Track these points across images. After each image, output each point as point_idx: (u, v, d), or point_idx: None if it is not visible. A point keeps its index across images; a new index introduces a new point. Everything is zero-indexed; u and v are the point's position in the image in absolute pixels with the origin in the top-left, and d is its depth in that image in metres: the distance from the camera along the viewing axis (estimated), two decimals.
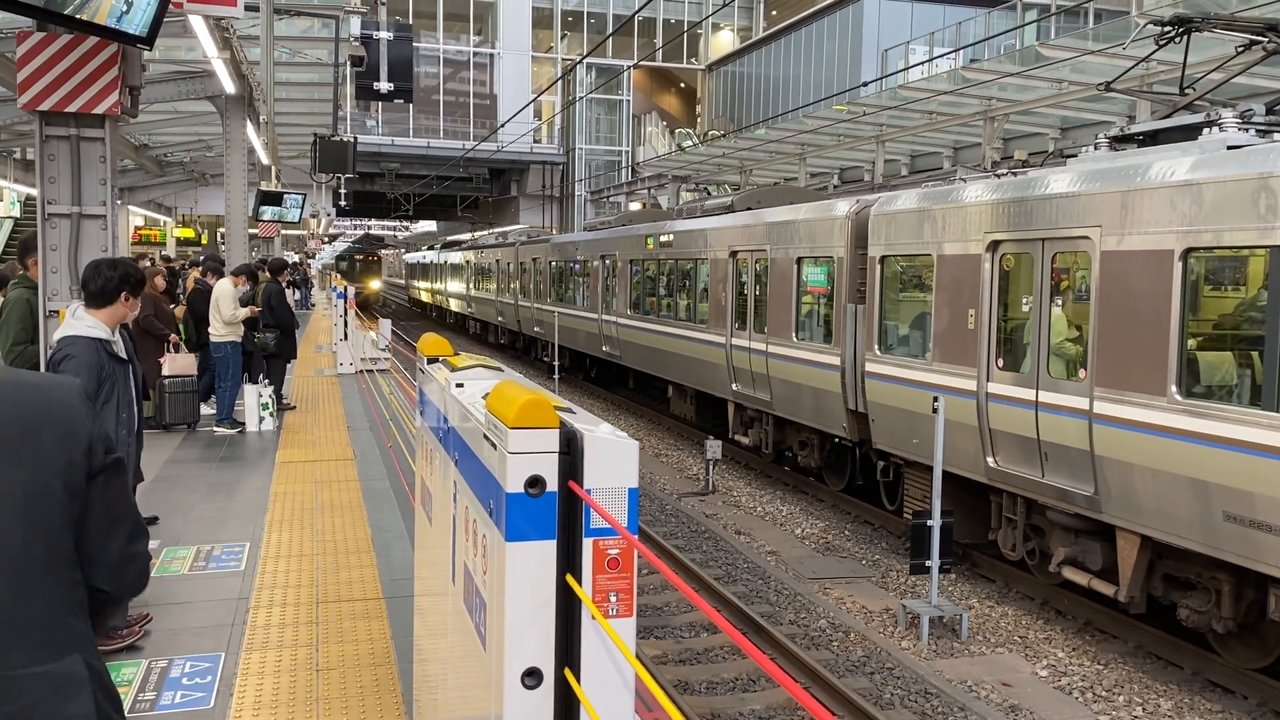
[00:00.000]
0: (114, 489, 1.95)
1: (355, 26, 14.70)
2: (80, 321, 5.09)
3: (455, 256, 40.13)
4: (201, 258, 15.85)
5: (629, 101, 48.82)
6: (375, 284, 54.48)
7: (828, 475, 12.98)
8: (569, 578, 2.35)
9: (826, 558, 10.76)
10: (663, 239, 17.34)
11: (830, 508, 12.71)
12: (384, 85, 14.17)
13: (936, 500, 8.47)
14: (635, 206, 37.69)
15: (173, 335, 11.44)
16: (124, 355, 5.26)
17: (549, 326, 23.96)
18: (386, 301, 61.31)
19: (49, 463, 1.86)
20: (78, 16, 5.46)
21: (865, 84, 19.09)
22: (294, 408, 13.93)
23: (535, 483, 2.33)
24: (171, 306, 13.02)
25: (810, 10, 38.72)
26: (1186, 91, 8.87)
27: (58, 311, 5.88)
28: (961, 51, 25.33)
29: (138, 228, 33.04)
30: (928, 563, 8.42)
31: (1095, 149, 8.72)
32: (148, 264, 16.59)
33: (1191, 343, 7.06)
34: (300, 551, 7.17)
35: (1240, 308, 7.14)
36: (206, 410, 12.49)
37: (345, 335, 18.96)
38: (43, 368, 6.34)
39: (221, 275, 12.46)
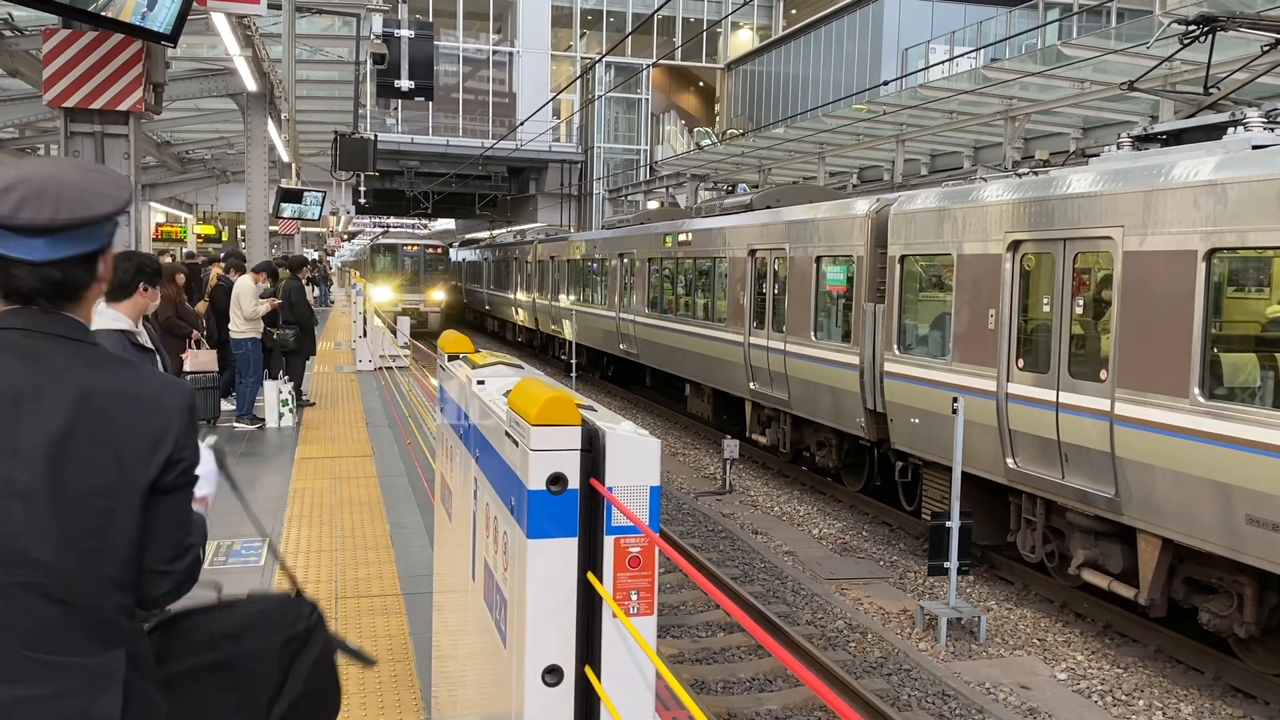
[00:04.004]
0: (174, 508, 1.99)
1: (376, 24, 14.77)
2: (102, 316, 5.13)
3: (473, 254, 40.10)
4: (223, 254, 15.95)
5: (648, 100, 48.80)
6: (439, 295, 34.38)
7: (845, 475, 12.94)
8: (590, 575, 2.35)
9: (844, 558, 10.73)
10: (681, 237, 17.32)
11: (848, 508, 12.67)
12: (405, 83, 14.24)
13: (955, 501, 8.43)
14: (653, 205, 37.67)
15: (195, 332, 11.49)
16: (149, 345, 5.31)
17: (566, 324, 23.99)
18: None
19: (135, 471, 1.90)
20: (103, 14, 5.50)
21: (885, 83, 19.02)
22: (313, 404, 13.99)
23: (557, 480, 2.33)
24: (198, 302, 13.11)
25: (830, 9, 38.58)
26: (1210, 91, 8.80)
27: None
28: (982, 51, 25.20)
29: (159, 224, 33.26)
30: (946, 564, 8.39)
31: (1118, 148, 8.66)
32: (168, 260, 16.69)
33: (1214, 344, 7.00)
34: (319, 547, 7.20)
35: (1265, 308, 7.08)
36: (227, 406, 12.56)
37: (364, 332, 19.03)
38: None
39: (243, 271, 12.53)
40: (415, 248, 35.04)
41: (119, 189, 1.98)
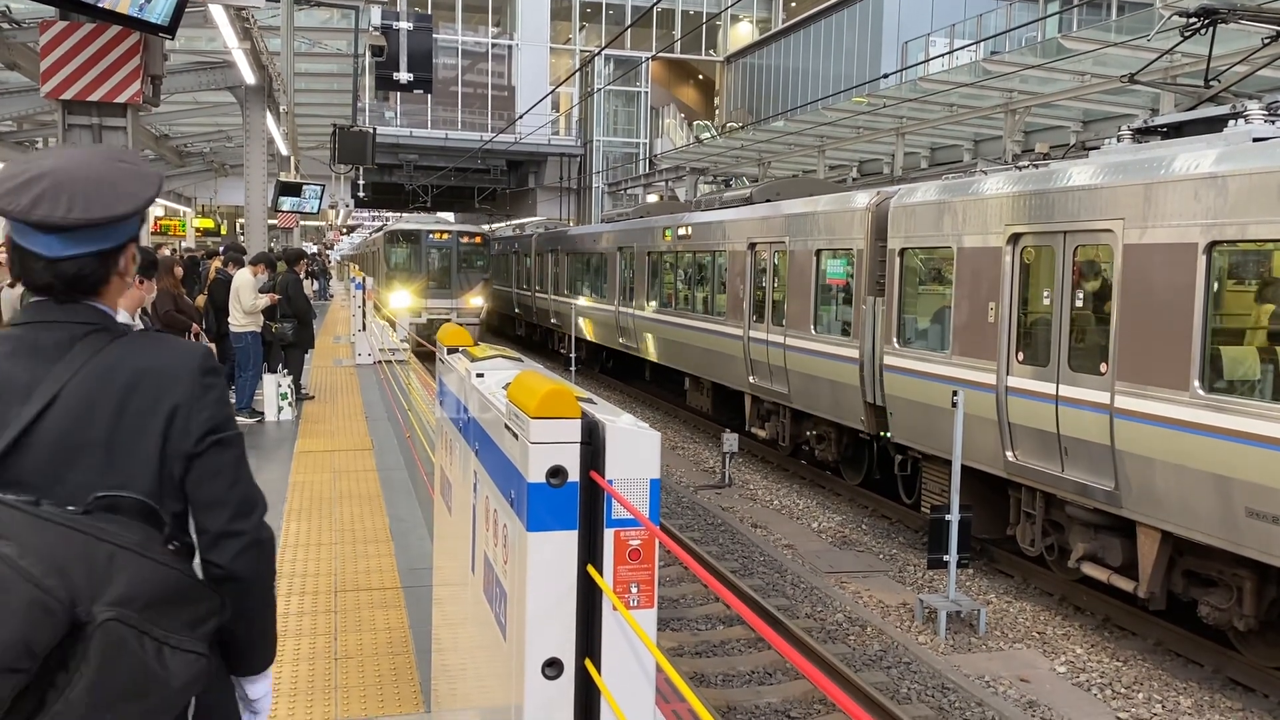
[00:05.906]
0: (211, 469, 1.98)
1: (375, 17, 14.75)
2: None
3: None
4: (221, 248, 15.93)
5: (647, 93, 48.72)
6: (478, 300, 26.25)
7: (845, 469, 12.94)
8: (590, 568, 2.34)
9: (843, 551, 10.73)
10: (680, 231, 17.30)
11: (847, 501, 12.67)
12: (404, 76, 14.23)
13: (955, 494, 8.43)
14: (653, 198, 37.61)
15: (195, 326, 11.46)
16: None
17: (566, 318, 23.96)
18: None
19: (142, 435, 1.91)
20: (100, 5, 5.49)
21: (885, 76, 18.99)
22: (312, 398, 13.98)
23: (557, 473, 2.32)
24: (197, 296, 13.08)
25: (830, 2, 38.51)
26: (1211, 83, 8.79)
27: None
28: (982, 44, 25.16)
29: (157, 218, 33.20)
30: (945, 557, 8.39)
31: (1118, 141, 8.64)
32: (165, 252, 16.67)
33: (1215, 337, 6.99)
34: (318, 540, 7.20)
35: (1265, 301, 7.07)
36: None
37: (364, 326, 19.01)
38: None
39: (242, 265, 12.50)
40: (445, 236, 26.53)
41: (144, 186, 1.95)
